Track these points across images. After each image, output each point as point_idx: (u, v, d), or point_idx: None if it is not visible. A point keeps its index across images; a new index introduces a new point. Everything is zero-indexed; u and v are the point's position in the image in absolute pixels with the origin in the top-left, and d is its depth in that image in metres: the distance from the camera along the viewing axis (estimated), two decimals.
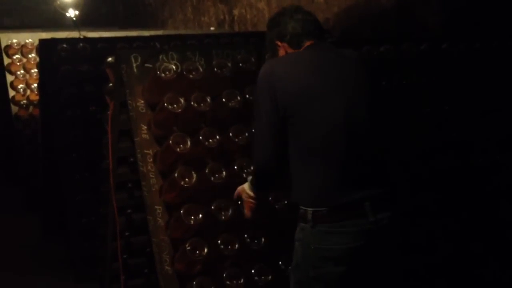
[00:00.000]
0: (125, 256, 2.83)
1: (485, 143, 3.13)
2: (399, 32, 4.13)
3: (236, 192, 2.22)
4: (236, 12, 6.32)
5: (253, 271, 2.32)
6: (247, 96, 2.49)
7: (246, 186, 2.16)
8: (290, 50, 2.08)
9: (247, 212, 2.19)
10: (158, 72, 2.38)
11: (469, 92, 3.16)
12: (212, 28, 6.64)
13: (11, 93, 5.23)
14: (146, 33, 4.71)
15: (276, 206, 2.42)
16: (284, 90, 1.93)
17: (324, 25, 4.85)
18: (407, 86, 3.07)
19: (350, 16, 4.69)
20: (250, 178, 2.16)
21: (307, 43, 2.06)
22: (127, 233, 2.86)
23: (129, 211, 2.83)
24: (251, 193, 2.15)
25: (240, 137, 2.42)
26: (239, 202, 2.23)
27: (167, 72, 2.39)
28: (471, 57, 3.28)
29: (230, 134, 2.42)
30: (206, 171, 2.33)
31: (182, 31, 6.13)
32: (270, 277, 2.33)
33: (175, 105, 2.35)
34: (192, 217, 2.27)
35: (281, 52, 2.11)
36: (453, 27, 3.81)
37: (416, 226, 2.83)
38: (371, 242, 1.93)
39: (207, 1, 6.95)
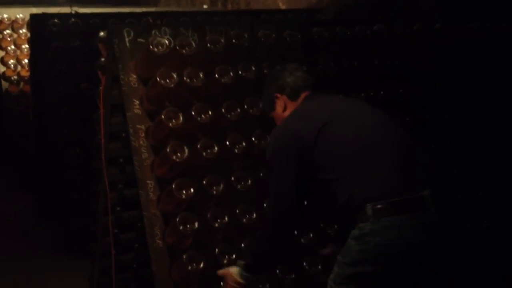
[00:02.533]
0: (116, 231, 2.85)
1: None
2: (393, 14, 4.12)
3: (220, 273, 2.18)
4: None
5: (243, 245, 2.35)
6: (239, 72, 2.49)
7: (234, 272, 2.12)
8: (288, 102, 2.22)
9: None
10: (151, 47, 2.37)
11: (463, 72, 3.18)
12: (205, 6, 6.59)
13: (2, 68, 5.19)
14: (138, 9, 4.68)
15: None
16: (318, 143, 1.98)
17: (318, 4, 4.84)
18: (399, 65, 3.08)
19: None
20: (240, 262, 2.12)
21: (304, 94, 2.22)
22: (118, 208, 2.87)
23: (120, 186, 2.84)
24: (240, 280, 2.10)
25: (233, 113, 2.43)
26: (221, 283, 2.17)
27: (160, 47, 2.38)
28: (464, 37, 3.30)
29: (223, 110, 2.42)
30: (198, 146, 2.34)
31: (174, 8, 6.08)
32: None
33: (167, 80, 2.35)
34: (184, 192, 2.29)
35: (279, 104, 2.24)
36: (446, 8, 3.81)
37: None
38: (434, 237, 1.89)
39: None
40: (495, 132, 3.19)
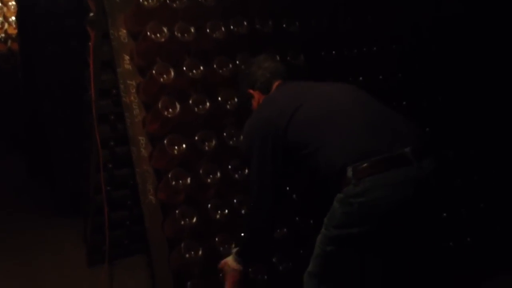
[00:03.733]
0: (108, 188, 2.85)
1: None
2: None
3: (220, 265, 2.18)
4: None
5: (235, 200, 2.36)
6: (231, 27, 2.46)
7: (230, 260, 2.13)
8: (261, 96, 2.22)
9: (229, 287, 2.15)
10: (141, 0, 2.33)
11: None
12: None
13: None
14: None
15: None
16: (294, 120, 1.97)
17: None
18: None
19: None
20: (235, 250, 2.13)
21: (276, 84, 2.22)
22: (110, 165, 2.87)
23: (112, 143, 2.83)
24: (236, 267, 2.11)
25: (224, 69, 2.41)
26: (220, 275, 2.18)
27: (150, 1, 2.34)
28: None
29: (214, 65, 2.40)
30: (190, 102, 2.32)
31: None
32: None
33: (158, 35, 2.32)
34: (176, 147, 2.28)
35: (255, 99, 2.24)
36: None
37: None
38: (419, 192, 1.85)
39: None
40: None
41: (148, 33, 2.29)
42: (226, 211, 2.34)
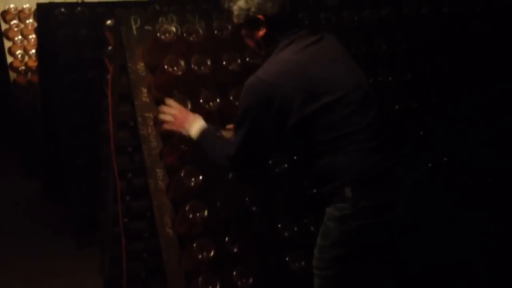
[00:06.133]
0: (126, 220, 2.85)
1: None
2: None
3: (180, 117, 2.13)
4: None
5: (254, 232, 2.35)
6: (247, 59, 2.47)
7: (193, 128, 2.08)
8: (268, 38, 1.92)
9: (165, 127, 2.16)
10: (158, 34, 2.36)
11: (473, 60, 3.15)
12: None
13: (9, 59, 5.18)
14: None
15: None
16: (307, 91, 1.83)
17: None
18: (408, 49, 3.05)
19: None
20: (205, 127, 2.07)
21: (295, 35, 1.91)
22: (127, 197, 2.87)
23: (129, 175, 2.84)
24: (189, 134, 2.09)
25: None
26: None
27: (167, 34, 2.37)
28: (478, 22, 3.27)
29: (231, 97, 2.41)
30: None
31: None
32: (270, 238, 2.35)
33: (175, 68, 2.34)
34: (193, 179, 2.28)
35: (256, 34, 1.93)
36: None
37: None
38: (411, 209, 1.87)
39: None
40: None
41: (166, 67, 2.31)
42: (245, 243, 2.32)
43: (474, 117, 3.10)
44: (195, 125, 2.13)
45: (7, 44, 5.17)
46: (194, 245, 2.25)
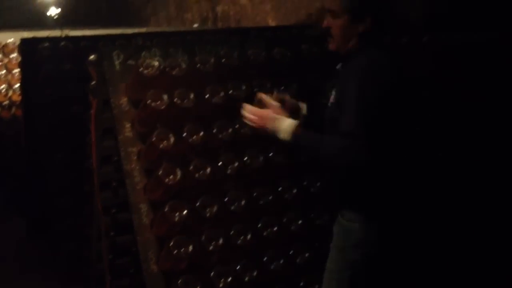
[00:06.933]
0: (110, 256, 2.80)
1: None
2: None
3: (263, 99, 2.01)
4: (219, 9, 6.31)
5: (238, 267, 2.31)
6: (230, 91, 2.48)
7: (284, 126, 1.87)
8: (359, 36, 1.87)
9: (253, 123, 1.96)
10: (141, 69, 2.36)
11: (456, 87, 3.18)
12: (195, 25, 6.61)
13: None
14: (129, 31, 4.67)
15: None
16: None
17: (307, 20, 4.86)
18: None
19: None
20: (294, 124, 1.87)
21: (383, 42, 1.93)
22: (112, 233, 2.82)
23: (113, 210, 2.79)
24: (283, 136, 1.87)
25: (224, 133, 2.42)
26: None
27: (150, 69, 2.37)
28: (452, 51, 3.30)
29: (214, 130, 2.41)
30: (191, 168, 2.31)
31: (165, 29, 6.10)
32: (255, 273, 2.32)
33: (158, 102, 2.33)
34: (177, 214, 2.26)
35: (346, 26, 1.89)
36: (434, 20, 3.83)
37: None
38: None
39: None
40: None
41: (148, 101, 2.31)
42: (230, 278, 2.28)
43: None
44: (282, 126, 1.90)
45: None
46: (179, 281, 2.21)
